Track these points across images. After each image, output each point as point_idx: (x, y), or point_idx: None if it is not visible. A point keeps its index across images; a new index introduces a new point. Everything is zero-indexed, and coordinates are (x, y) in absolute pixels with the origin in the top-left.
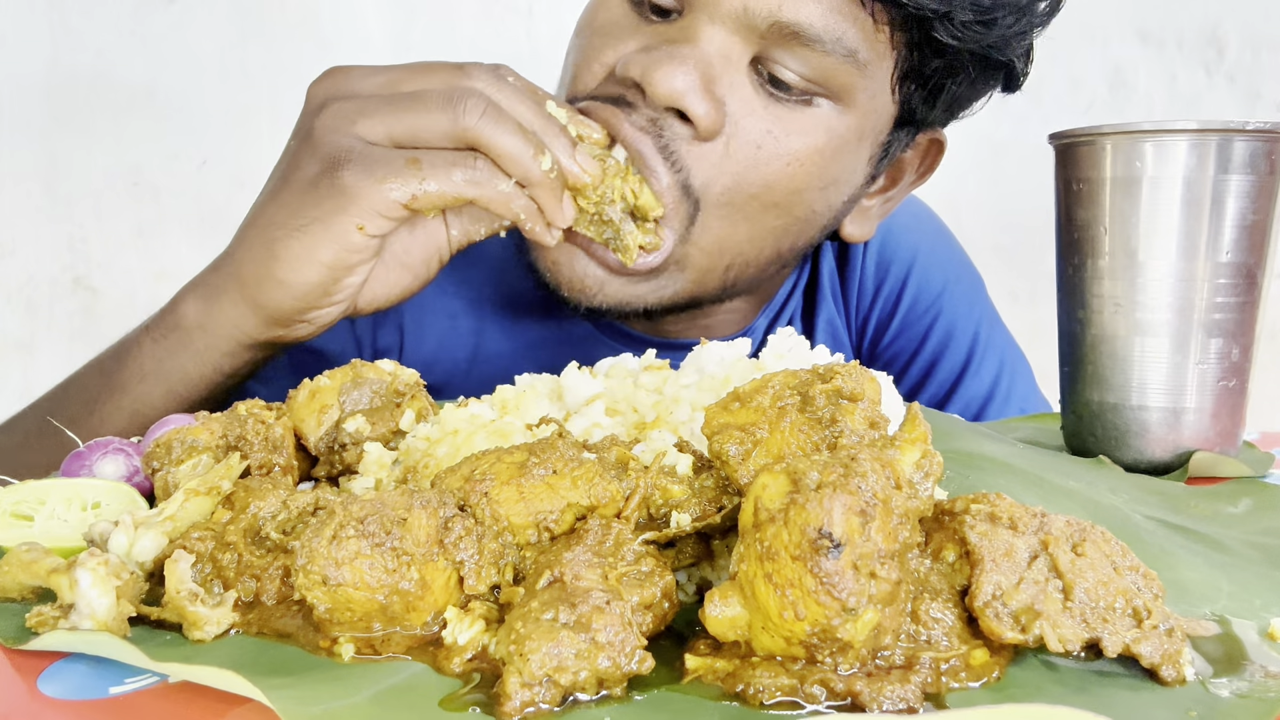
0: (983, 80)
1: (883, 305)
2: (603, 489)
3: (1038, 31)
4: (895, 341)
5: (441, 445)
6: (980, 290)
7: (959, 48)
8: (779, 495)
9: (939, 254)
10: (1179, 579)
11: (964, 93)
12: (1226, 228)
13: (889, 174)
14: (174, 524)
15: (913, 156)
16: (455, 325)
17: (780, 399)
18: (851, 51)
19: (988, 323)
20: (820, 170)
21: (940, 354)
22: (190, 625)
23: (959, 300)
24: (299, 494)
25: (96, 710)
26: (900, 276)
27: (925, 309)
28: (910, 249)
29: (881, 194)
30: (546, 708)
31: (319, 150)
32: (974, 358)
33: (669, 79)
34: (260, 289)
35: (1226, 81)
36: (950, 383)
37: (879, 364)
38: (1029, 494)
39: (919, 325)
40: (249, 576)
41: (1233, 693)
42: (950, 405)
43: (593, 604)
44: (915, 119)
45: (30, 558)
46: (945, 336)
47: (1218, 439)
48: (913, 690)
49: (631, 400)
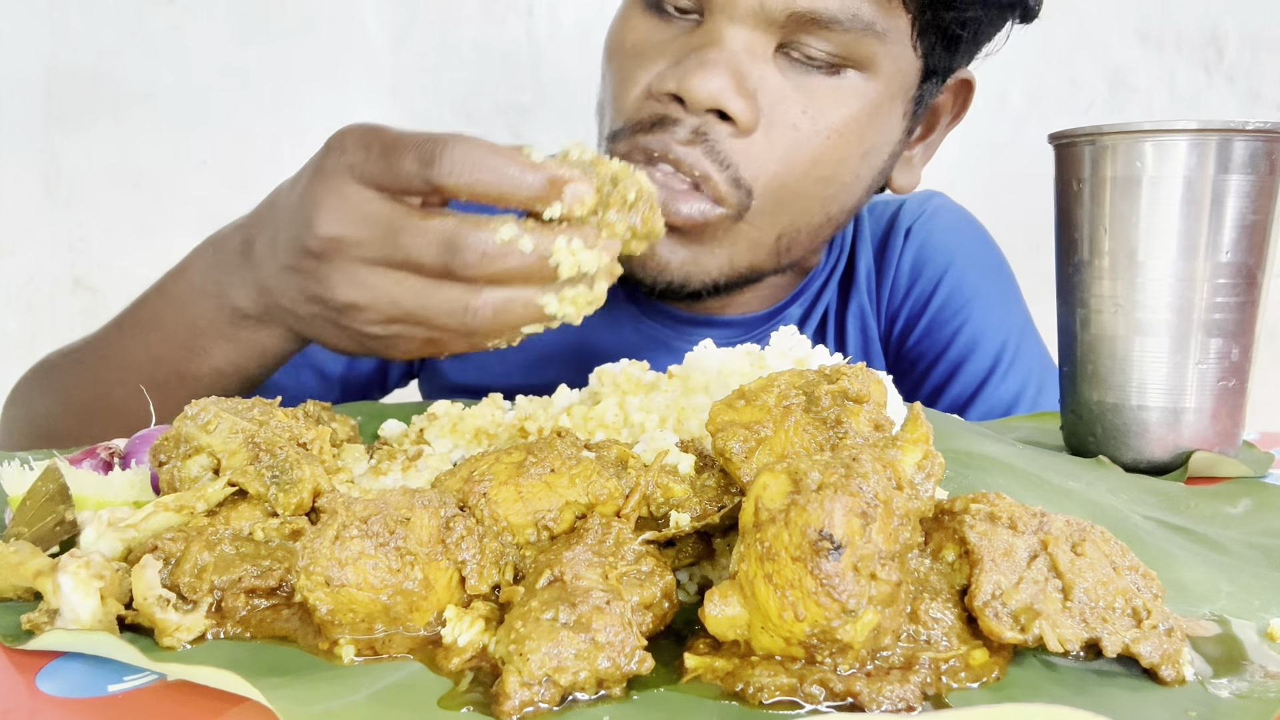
0: (999, 15)
1: (913, 303)
2: (601, 486)
3: None
4: (921, 341)
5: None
6: (1016, 301)
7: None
8: (780, 495)
9: (977, 261)
10: (1179, 579)
11: (984, 33)
12: (1226, 228)
13: (926, 121)
14: (137, 533)
15: (945, 100)
16: None
17: (785, 398)
18: (869, 24)
19: (1018, 334)
20: (859, 138)
21: (964, 360)
22: (160, 632)
23: (990, 308)
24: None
25: (95, 708)
26: (934, 278)
27: (954, 312)
28: (948, 252)
29: (922, 141)
30: (546, 707)
31: (329, 306)
32: (999, 366)
33: (704, 84)
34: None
35: (1226, 81)
36: (973, 389)
37: (905, 362)
38: (1029, 494)
39: (946, 329)
40: (221, 576)
41: (1232, 693)
42: (970, 411)
43: (593, 604)
44: (940, 68)
45: (17, 559)
46: (971, 342)
47: (1217, 439)
48: (912, 690)
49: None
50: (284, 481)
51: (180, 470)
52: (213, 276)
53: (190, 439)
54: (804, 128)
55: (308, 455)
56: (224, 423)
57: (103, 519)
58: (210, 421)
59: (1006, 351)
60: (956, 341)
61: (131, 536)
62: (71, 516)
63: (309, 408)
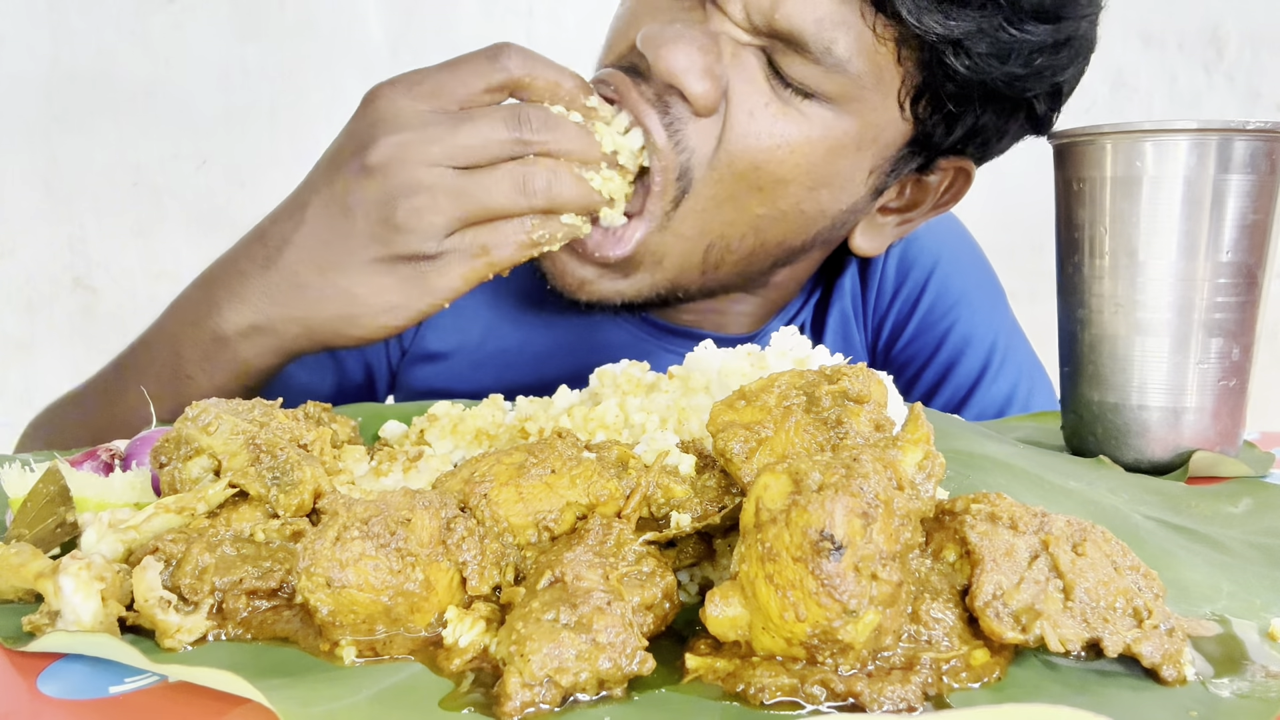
0: (1004, 115)
1: (900, 308)
2: (601, 487)
3: (1073, 75)
4: (910, 346)
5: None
6: (1001, 300)
7: (970, 77)
8: (780, 496)
9: (961, 261)
10: (1179, 579)
11: (988, 125)
12: (1227, 227)
13: (911, 195)
14: (138, 534)
15: (938, 182)
16: (469, 299)
17: (786, 398)
18: (842, 62)
19: (1007, 333)
20: (809, 165)
21: (955, 361)
22: (162, 633)
23: (978, 309)
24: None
25: (96, 710)
26: (920, 281)
27: (942, 315)
28: (933, 254)
29: (899, 213)
30: (547, 708)
31: (388, 220)
32: (990, 366)
33: (671, 58)
34: (331, 334)
35: (1226, 81)
36: (965, 390)
37: (892, 368)
38: (1029, 494)
39: (935, 331)
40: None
41: (1233, 693)
42: (964, 413)
43: (594, 605)
44: (933, 142)
45: (18, 561)
46: (961, 343)
47: (1218, 439)
48: (913, 690)
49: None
50: (285, 483)
51: (181, 472)
52: (193, 309)
53: (191, 440)
54: (761, 121)
55: (309, 457)
56: (225, 424)
57: (104, 521)
58: (211, 423)
59: (997, 351)
60: (947, 343)
61: (132, 538)
62: (72, 518)
63: (309, 409)
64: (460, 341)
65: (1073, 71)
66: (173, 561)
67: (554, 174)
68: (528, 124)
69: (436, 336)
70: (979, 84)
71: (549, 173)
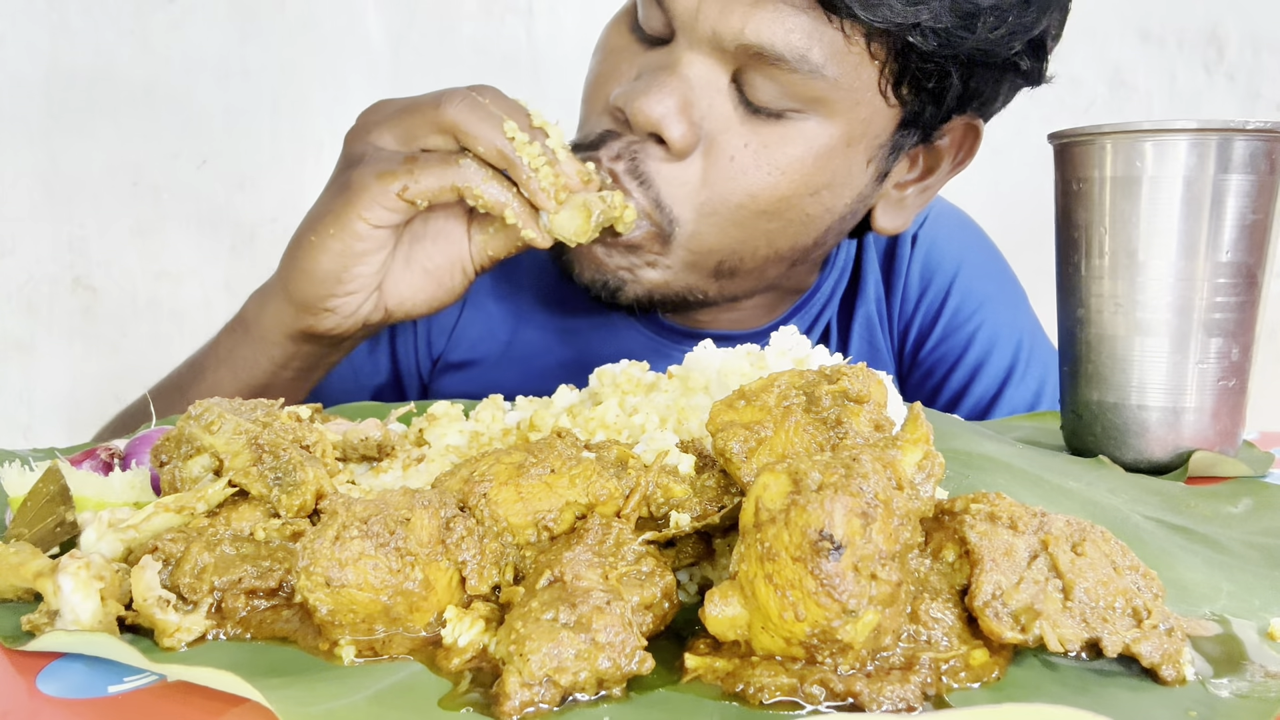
0: (991, 78)
1: (925, 313)
2: (600, 486)
3: (1053, 25)
4: (936, 349)
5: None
6: (1023, 301)
7: (944, 53)
8: (780, 495)
9: (984, 265)
10: (1179, 579)
11: (978, 89)
12: (1226, 227)
13: (925, 163)
14: (137, 534)
15: (949, 145)
16: (497, 308)
17: (786, 398)
18: (817, 68)
19: (1030, 332)
20: (805, 177)
21: (983, 363)
22: (160, 633)
23: (1002, 310)
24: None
25: (95, 709)
26: (944, 286)
27: (967, 318)
28: (955, 259)
29: (917, 183)
30: (546, 708)
31: (343, 159)
32: (1018, 366)
33: (647, 107)
34: (290, 279)
35: (1226, 81)
36: (994, 391)
37: (919, 371)
38: (1029, 494)
39: (961, 334)
40: (222, 576)
41: (1233, 693)
42: (994, 413)
43: (593, 604)
44: (924, 119)
45: (17, 560)
46: (988, 345)
47: (1218, 439)
48: (913, 690)
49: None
50: (287, 484)
51: (181, 471)
52: (257, 318)
53: (193, 439)
54: (743, 161)
55: (311, 457)
56: (228, 423)
57: (103, 520)
58: (214, 422)
59: (1023, 350)
60: (974, 345)
61: (132, 537)
62: (72, 517)
63: (299, 412)
64: (486, 350)
65: (1048, 21)
66: (172, 561)
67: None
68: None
69: (465, 346)
70: (954, 58)
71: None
